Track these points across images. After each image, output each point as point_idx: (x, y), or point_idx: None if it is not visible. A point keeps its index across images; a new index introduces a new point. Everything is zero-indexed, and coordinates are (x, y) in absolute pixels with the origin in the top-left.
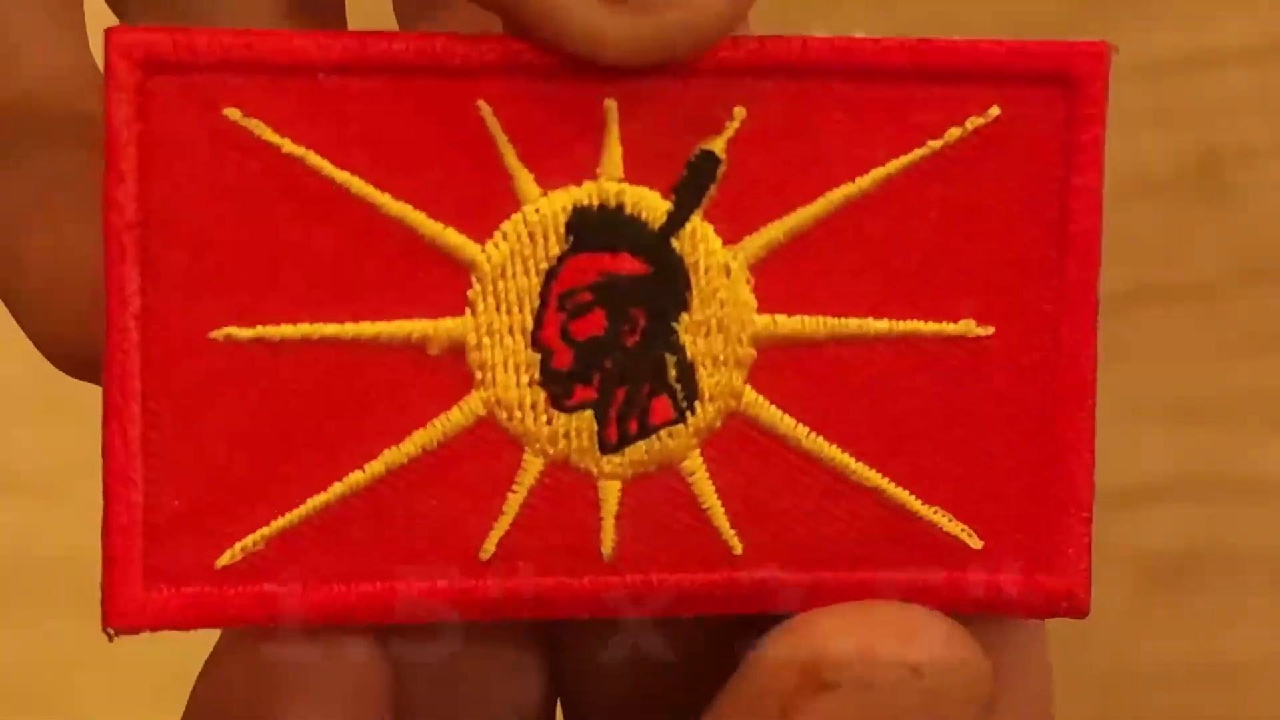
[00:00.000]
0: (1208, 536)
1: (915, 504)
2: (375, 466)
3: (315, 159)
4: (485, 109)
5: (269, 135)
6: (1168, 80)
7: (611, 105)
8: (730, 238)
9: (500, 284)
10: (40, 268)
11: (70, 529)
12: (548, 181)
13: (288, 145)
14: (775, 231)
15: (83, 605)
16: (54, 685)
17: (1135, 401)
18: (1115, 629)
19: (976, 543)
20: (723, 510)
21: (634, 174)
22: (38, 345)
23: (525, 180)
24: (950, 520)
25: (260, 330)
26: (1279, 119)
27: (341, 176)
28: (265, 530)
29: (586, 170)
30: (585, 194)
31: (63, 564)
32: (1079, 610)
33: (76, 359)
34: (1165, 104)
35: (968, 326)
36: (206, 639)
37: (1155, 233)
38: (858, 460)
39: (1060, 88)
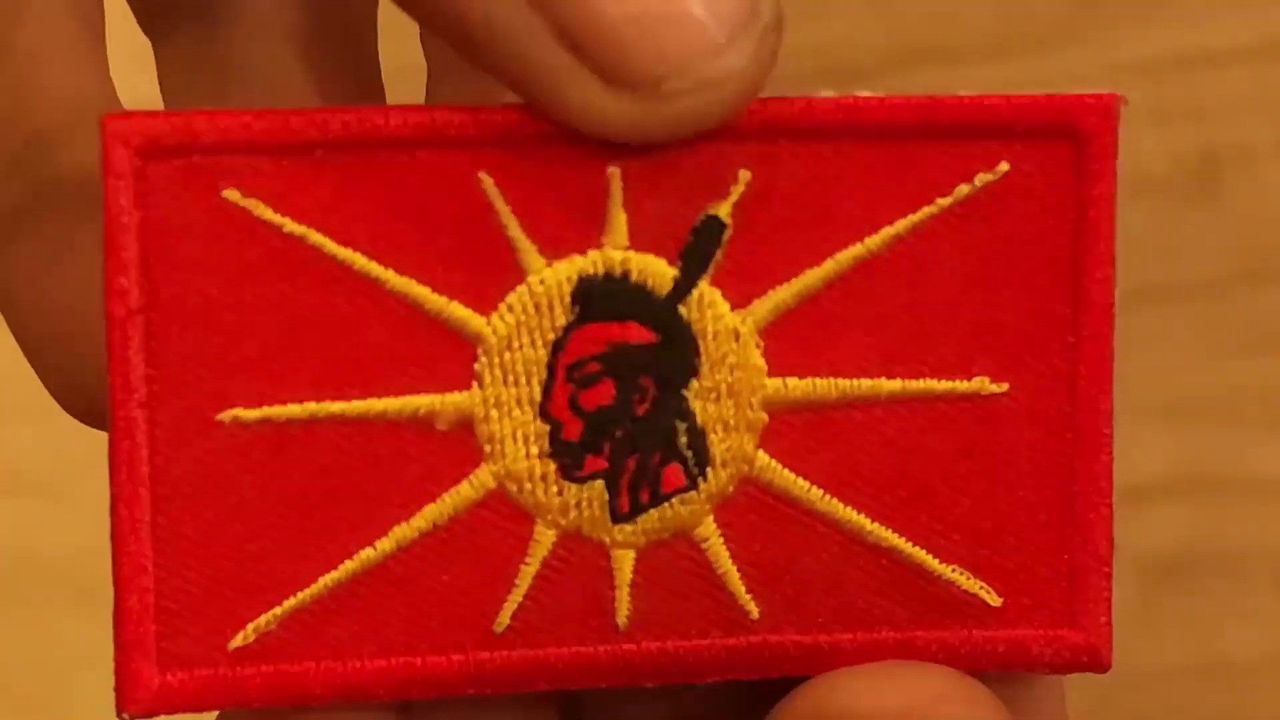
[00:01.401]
0: (1208, 536)
1: (933, 563)
2: (386, 543)
3: (316, 237)
4: (487, 180)
5: (269, 215)
6: (1167, 79)
7: (615, 173)
8: (739, 302)
9: (507, 356)
10: (61, 317)
11: (70, 529)
12: (552, 252)
13: (289, 224)
14: (784, 295)
15: (83, 605)
16: (54, 685)
17: (1135, 401)
18: (1115, 629)
19: (996, 600)
20: (738, 576)
21: (639, 241)
22: (54, 395)
23: (529, 251)
24: (969, 578)
25: (267, 411)
26: (1278, 119)
27: (344, 254)
28: (278, 610)
29: (591, 239)
30: (590, 263)
31: (63, 564)
32: (1100, 666)
33: (95, 411)
34: (1164, 103)
35: (981, 384)
36: None
37: (1154, 232)
38: (873, 521)
39: (1068, 142)
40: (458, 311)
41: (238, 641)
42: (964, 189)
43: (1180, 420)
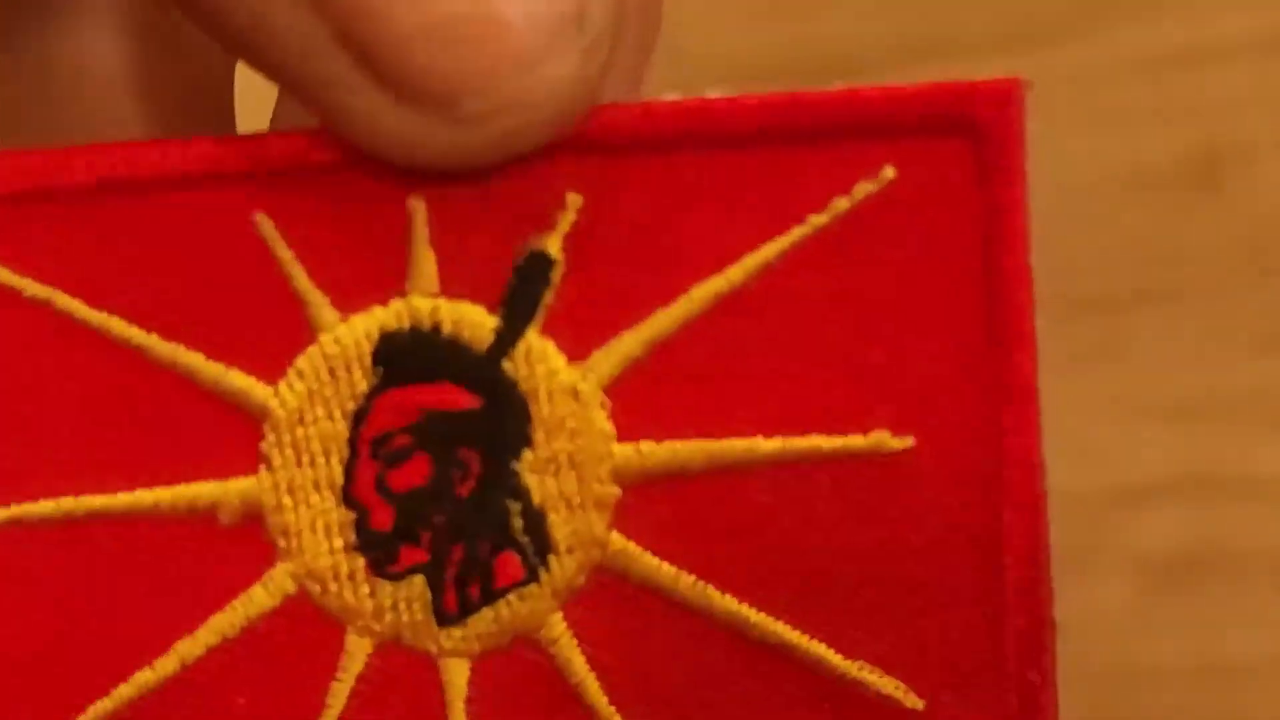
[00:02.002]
0: (1209, 537)
1: (835, 659)
2: (167, 663)
3: (65, 300)
4: (264, 222)
5: (5, 277)
6: (1168, 76)
7: (418, 206)
8: (576, 354)
9: (299, 432)
10: None
11: None
12: (347, 304)
13: (30, 287)
14: (630, 343)
15: None
16: None
17: (1136, 401)
18: (1115, 629)
19: (916, 702)
20: (597, 685)
21: (452, 286)
22: None
23: (319, 305)
24: (881, 676)
25: (13, 511)
26: None
27: (98, 318)
28: None
29: (393, 287)
30: (393, 315)
31: None
32: None
33: None
34: (1166, 100)
35: (881, 440)
36: None
37: (1156, 231)
38: (759, 611)
39: (964, 138)
40: (237, 381)
41: None
42: (841, 203)
43: (1182, 420)
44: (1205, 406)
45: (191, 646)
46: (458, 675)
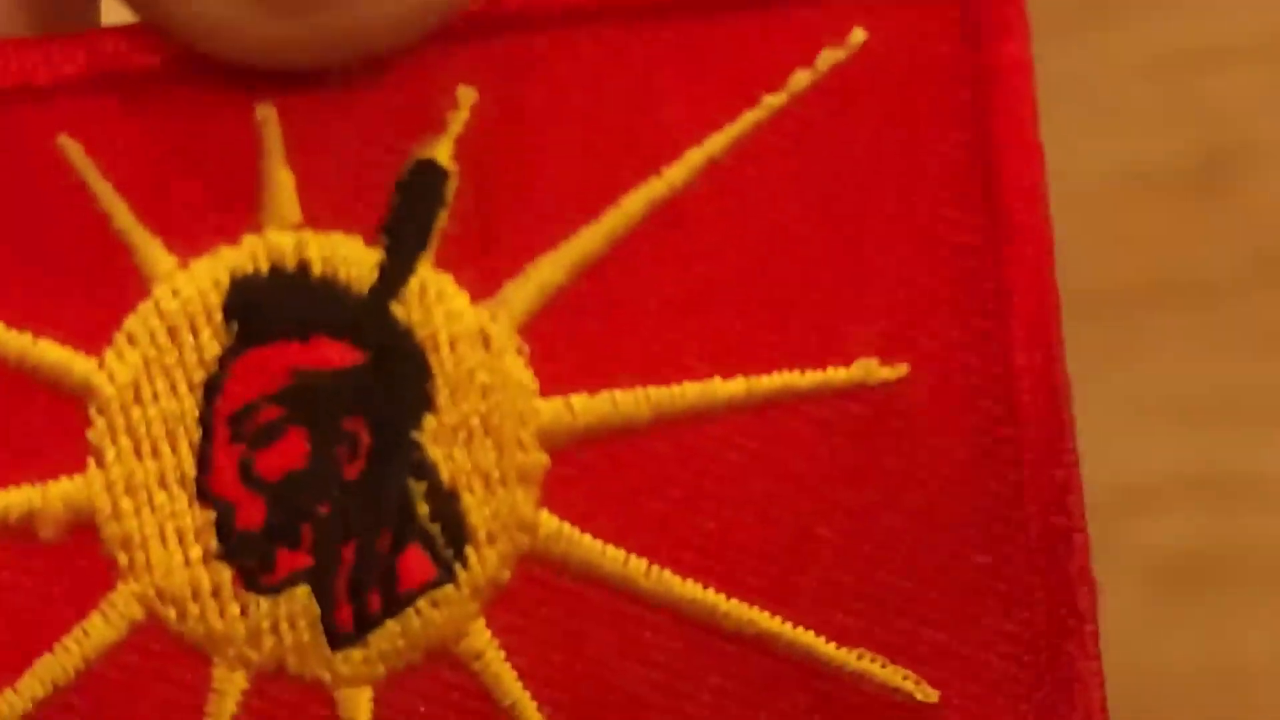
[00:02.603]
0: (1217, 538)
1: (826, 649)
2: None
3: None
4: (71, 147)
5: None
6: (1172, 77)
7: (268, 116)
8: (481, 290)
9: (135, 413)
10: None
11: None
12: (186, 245)
13: None
14: (549, 270)
15: None
16: None
17: (1143, 401)
18: (1123, 631)
19: (929, 694)
20: (533, 706)
21: (317, 215)
22: None
23: (149, 248)
24: (884, 666)
25: None
26: None
27: None
28: None
29: (243, 220)
30: (246, 256)
31: None
32: None
33: None
34: (1170, 101)
35: (867, 369)
36: None
37: (1160, 231)
38: (730, 597)
39: None
40: (48, 353)
41: None
42: (802, 77)
43: (1189, 421)
44: (1213, 407)
45: (14, 701)
46: (358, 708)
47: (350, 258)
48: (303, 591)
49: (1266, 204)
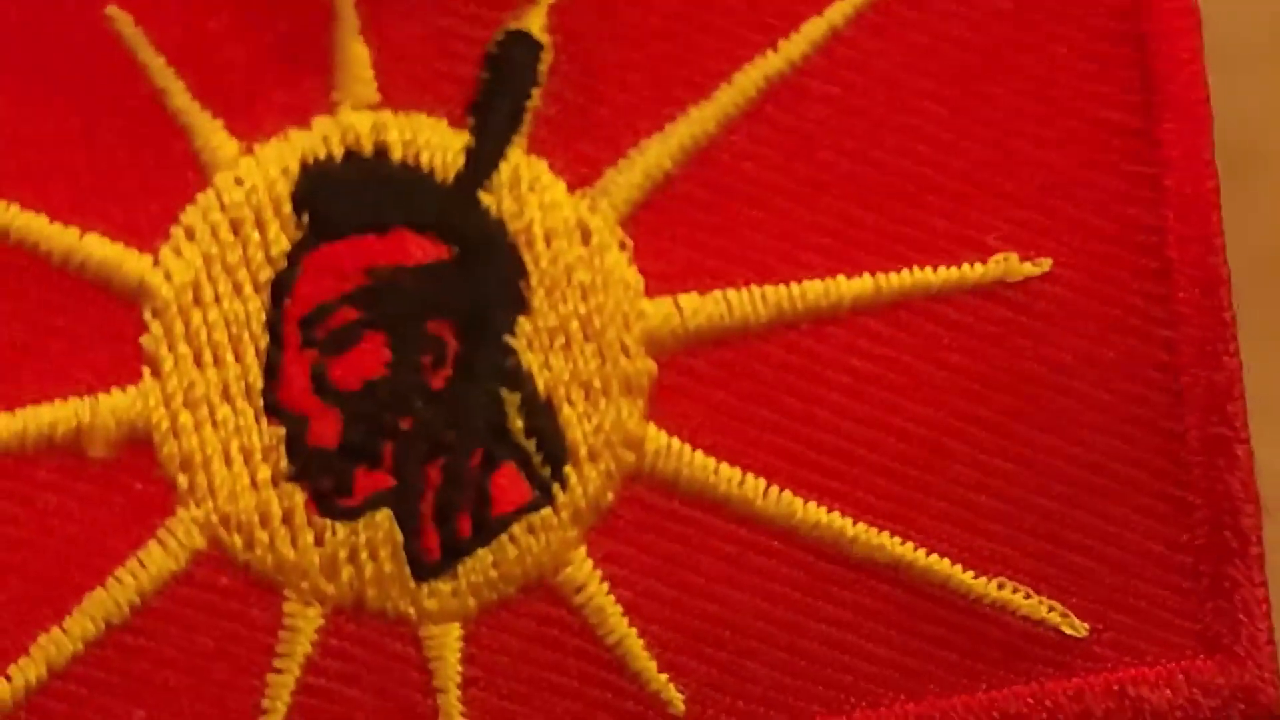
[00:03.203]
0: None
1: (963, 578)
2: (29, 668)
3: None
4: (120, 17)
5: None
6: None
7: None
8: (579, 178)
9: (195, 317)
10: None
11: None
12: (251, 127)
13: None
14: (655, 156)
15: None
16: None
17: None
18: None
19: (1078, 627)
20: (641, 643)
21: (396, 93)
22: None
23: (209, 132)
24: (1027, 596)
25: None
26: None
27: None
28: None
29: (315, 98)
30: (318, 139)
31: None
32: (1266, 709)
33: None
34: None
35: (1006, 264)
36: None
37: None
38: (856, 521)
39: None
40: (96, 249)
41: None
42: None
43: None
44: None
45: (62, 642)
46: (446, 647)
47: (434, 141)
48: (384, 516)
49: (1272, 203)
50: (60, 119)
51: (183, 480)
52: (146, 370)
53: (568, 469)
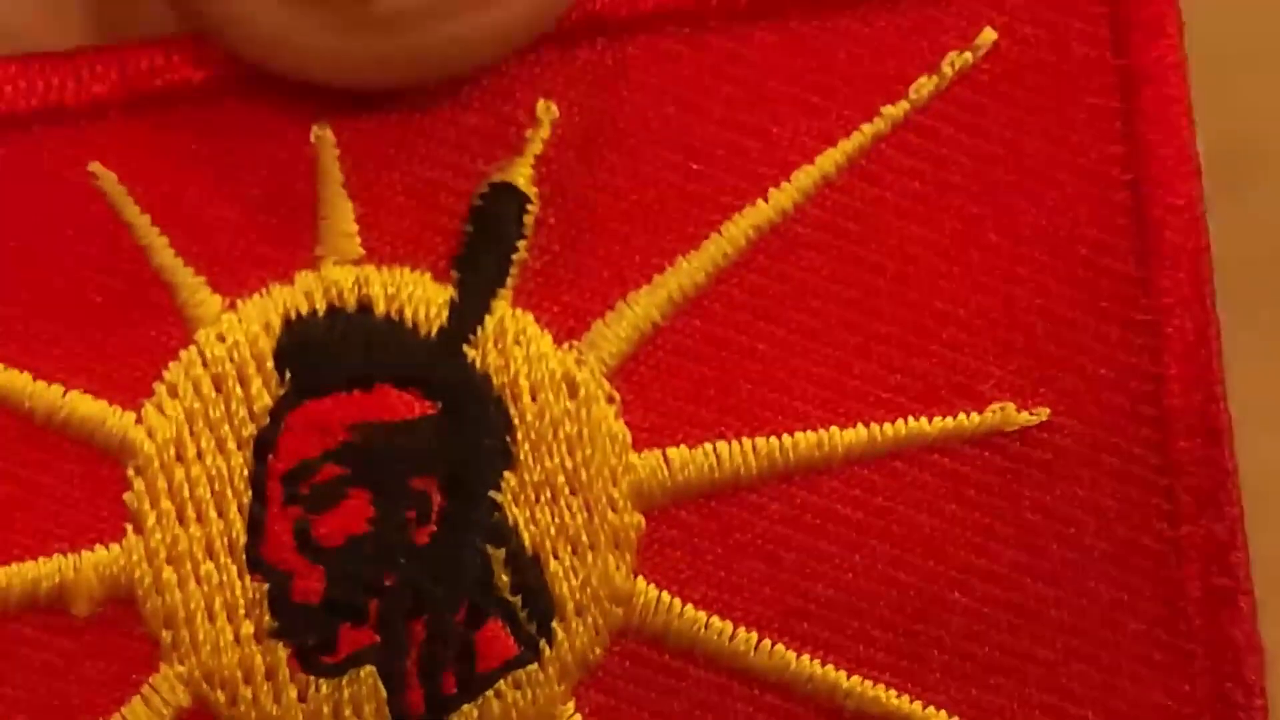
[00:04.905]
0: None
1: None
2: None
3: None
4: (104, 174)
5: None
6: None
7: (324, 136)
8: (566, 331)
9: (178, 473)
10: None
11: None
12: (234, 283)
13: None
14: (644, 308)
15: None
16: None
17: None
18: None
19: None
20: None
21: (380, 246)
22: None
23: (192, 288)
24: None
25: None
26: None
27: None
28: None
29: (297, 253)
30: (300, 295)
31: None
32: None
33: None
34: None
35: (1003, 414)
36: None
37: None
38: (851, 675)
39: None
40: (80, 407)
41: None
42: (925, 84)
43: None
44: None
45: None
46: None
47: (417, 295)
48: (368, 673)
49: (1274, 203)
50: (44, 276)
51: (166, 636)
52: (130, 527)
53: (555, 624)
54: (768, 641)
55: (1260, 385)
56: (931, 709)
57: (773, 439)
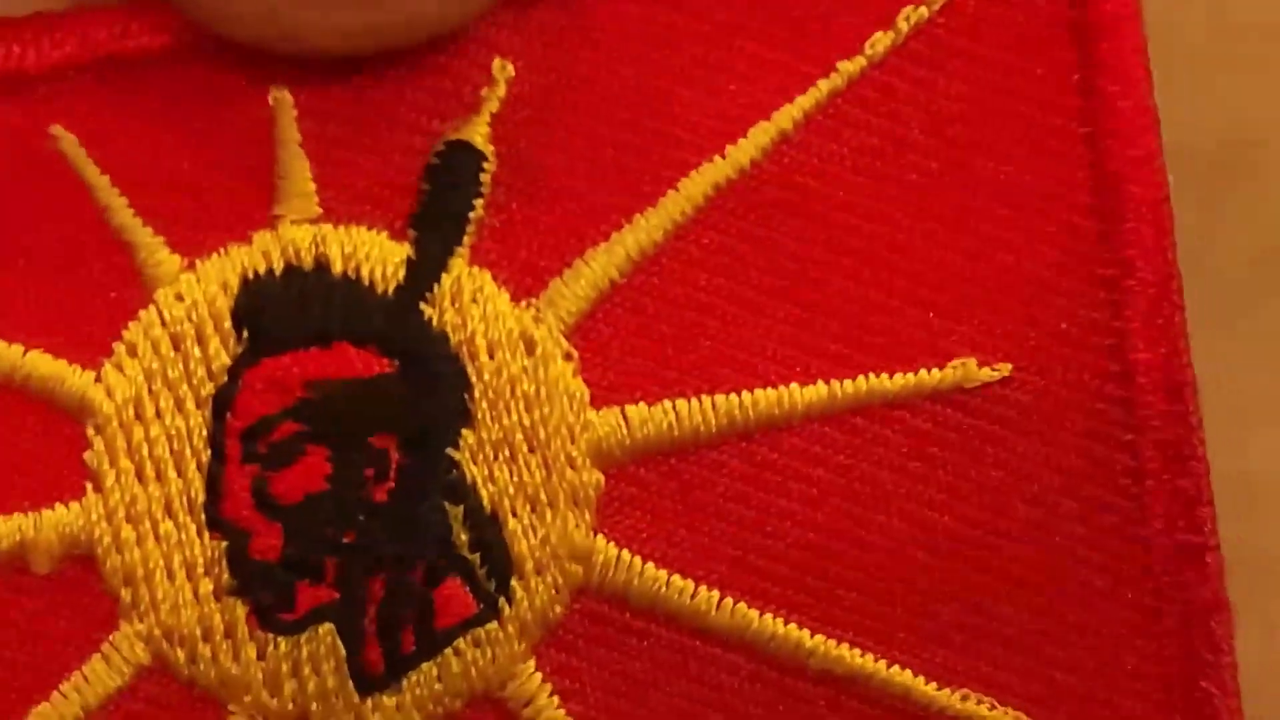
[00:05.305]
0: (1228, 536)
1: (925, 690)
2: None
3: None
4: (65, 138)
5: None
6: (1180, 66)
7: (282, 98)
8: (523, 288)
9: (137, 432)
10: None
11: None
12: (192, 243)
13: None
14: (601, 265)
15: None
16: None
17: None
18: None
19: None
20: None
21: (337, 206)
22: None
23: (151, 247)
24: (991, 708)
25: None
26: None
27: None
28: None
29: (256, 213)
30: (258, 254)
31: None
32: None
33: None
34: (1183, 94)
35: (964, 370)
36: None
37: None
38: (814, 634)
39: None
40: (40, 366)
41: None
42: (881, 40)
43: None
44: (1222, 404)
45: None
46: None
47: (374, 254)
48: (326, 630)
49: (1275, 197)
50: (4, 238)
51: (125, 594)
52: (89, 485)
53: (514, 582)
54: (729, 600)
55: (1261, 382)
56: (896, 668)
57: (732, 396)
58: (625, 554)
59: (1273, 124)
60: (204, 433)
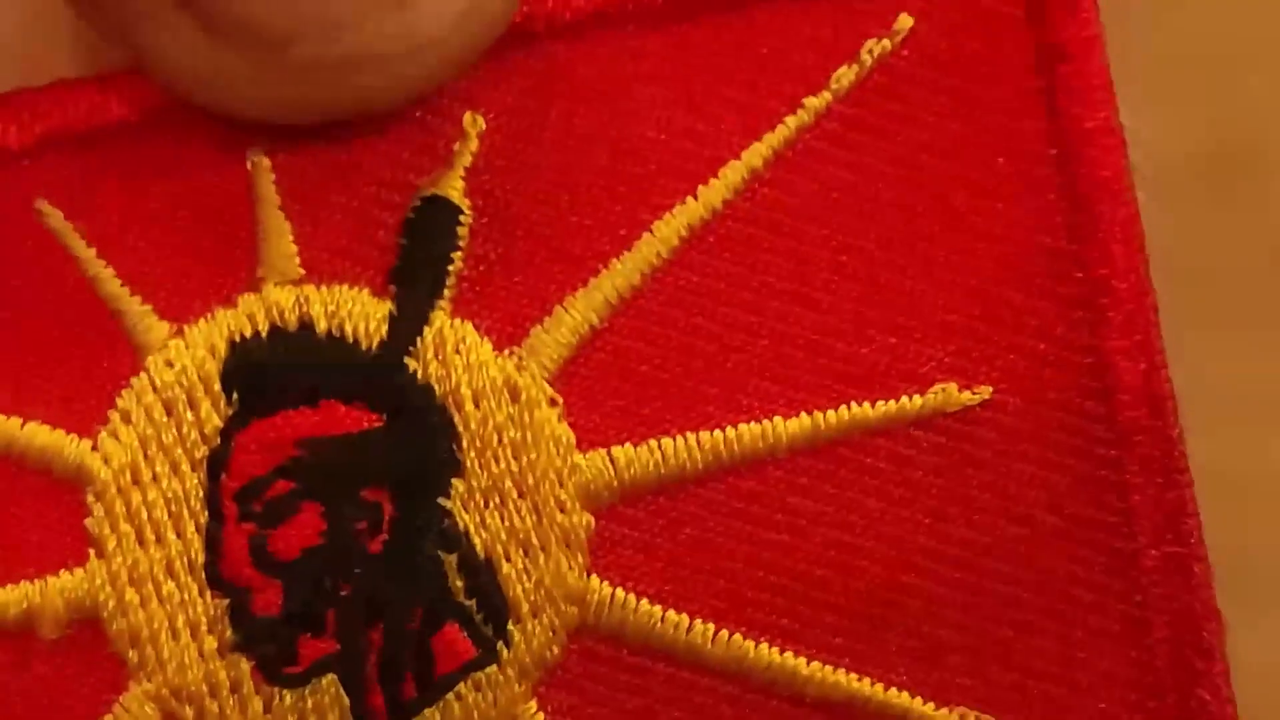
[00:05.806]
0: (1222, 537)
1: (923, 710)
2: None
3: None
4: (49, 211)
5: None
6: (1178, 71)
7: (260, 161)
8: (505, 337)
9: (135, 497)
10: None
11: None
12: (179, 309)
13: None
14: (580, 310)
15: None
16: None
17: None
18: None
19: None
20: None
21: (319, 265)
22: None
23: (140, 316)
24: None
25: None
26: None
27: None
28: None
29: (239, 277)
30: (243, 317)
31: None
32: None
33: None
34: (1175, 97)
35: (945, 395)
36: None
37: (1164, 230)
38: (811, 660)
39: None
40: (37, 437)
41: None
42: (846, 74)
43: (1199, 418)
44: (1222, 404)
45: None
46: None
47: (357, 311)
48: (330, 681)
49: (1274, 201)
50: (16, 318)
51: (133, 655)
52: (92, 551)
53: (511, 626)
54: (724, 632)
55: (1260, 385)
56: (894, 690)
57: (716, 433)
58: (619, 593)
59: (1273, 124)
60: (200, 494)
